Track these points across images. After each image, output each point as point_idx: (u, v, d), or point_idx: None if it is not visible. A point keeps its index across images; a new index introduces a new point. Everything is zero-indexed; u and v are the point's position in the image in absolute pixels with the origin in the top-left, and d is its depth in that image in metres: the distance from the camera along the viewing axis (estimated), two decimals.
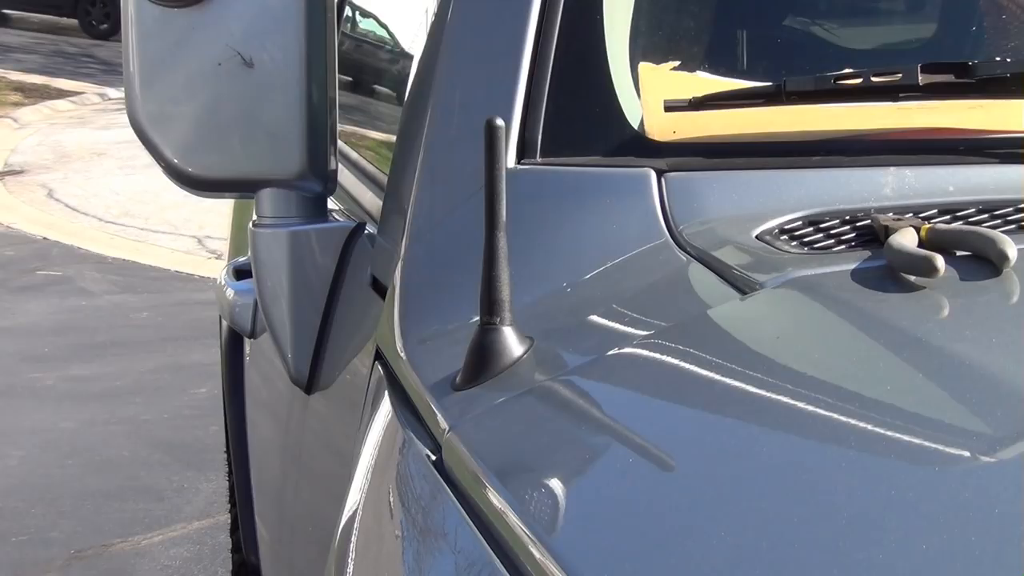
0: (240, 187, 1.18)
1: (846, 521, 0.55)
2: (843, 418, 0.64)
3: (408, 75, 1.30)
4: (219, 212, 1.97)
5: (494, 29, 1.05)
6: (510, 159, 0.95)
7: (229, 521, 2.47)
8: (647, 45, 1.06)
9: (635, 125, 1.00)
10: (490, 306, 0.77)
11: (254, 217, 1.18)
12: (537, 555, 0.59)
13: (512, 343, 0.78)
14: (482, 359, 0.78)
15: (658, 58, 1.02)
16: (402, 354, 0.89)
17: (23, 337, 5.29)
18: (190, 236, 6.92)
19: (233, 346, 2.07)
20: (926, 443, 0.62)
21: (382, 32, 1.87)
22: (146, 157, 1.08)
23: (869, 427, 0.62)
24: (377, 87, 1.75)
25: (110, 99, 11.99)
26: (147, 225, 7.49)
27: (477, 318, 0.79)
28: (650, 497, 0.64)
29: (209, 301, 4.55)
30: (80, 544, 3.41)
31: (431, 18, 1.18)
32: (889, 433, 0.62)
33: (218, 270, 1.99)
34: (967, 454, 0.60)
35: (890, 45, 1.33)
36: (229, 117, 1.09)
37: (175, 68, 1.08)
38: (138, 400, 4.56)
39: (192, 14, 1.05)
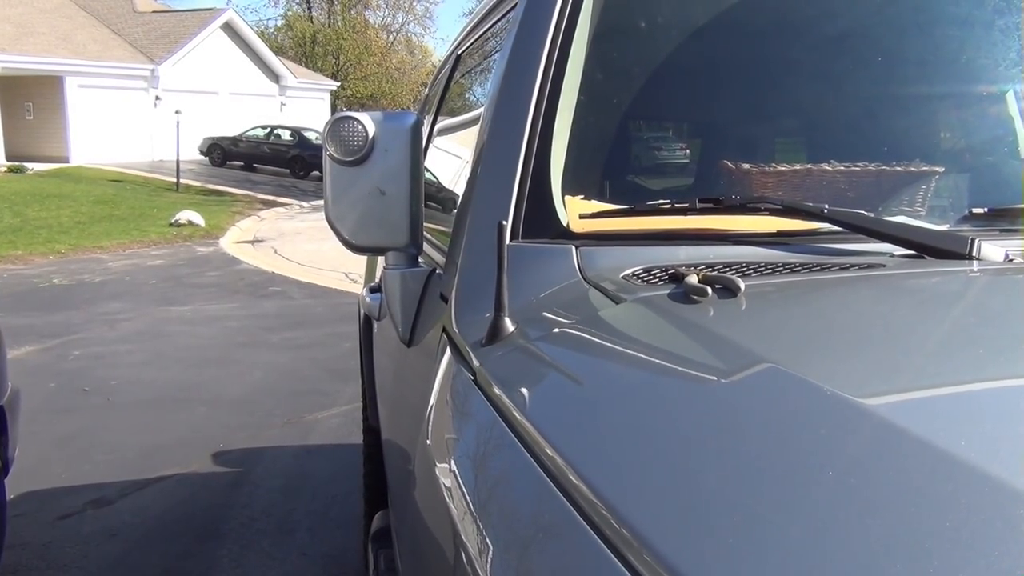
0: (379, 251, 1.30)
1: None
2: (649, 357, 0.79)
3: (453, 193, 1.45)
4: (357, 260, 2.42)
5: (499, 176, 1.17)
6: (508, 239, 1.04)
7: (361, 406, 2.90)
8: (570, 186, 1.17)
9: (565, 224, 1.13)
10: (498, 307, 0.92)
11: (383, 264, 1.34)
12: (519, 417, 0.72)
13: (508, 325, 0.92)
14: (494, 331, 0.92)
15: (575, 192, 1.16)
16: (455, 329, 1.02)
17: (261, 319, 6.76)
18: (341, 272, 8.64)
19: (366, 324, 2.38)
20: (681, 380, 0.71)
21: (436, 175, 2.02)
22: (324, 233, 1.34)
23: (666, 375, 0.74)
24: (445, 198, 1.80)
25: (304, 208, 16.22)
26: (321, 267, 9.34)
27: (490, 312, 0.93)
28: (572, 389, 0.78)
29: (351, 303, 6.30)
30: (288, 416, 4.41)
31: (471, 161, 1.30)
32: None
33: (357, 290, 2.55)
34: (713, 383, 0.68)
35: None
36: (373, 218, 1.23)
37: (348, 194, 1.22)
38: (317, 348, 5.79)
39: (356, 168, 1.21)
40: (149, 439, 4.08)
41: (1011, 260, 1.04)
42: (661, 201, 1.14)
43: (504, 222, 0.90)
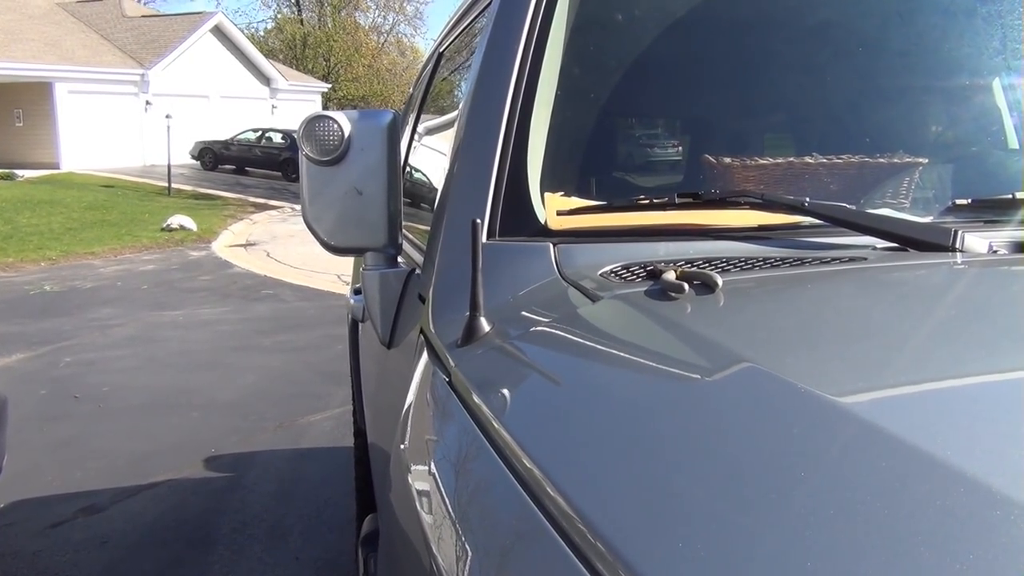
0: (356, 251, 1.28)
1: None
2: (625, 355, 0.78)
3: (436, 192, 1.40)
4: (346, 262, 2.46)
5: (476, 174, 1.15)
6: (484, 237, 1.06)
7: (352, 409, 2.92)
8: (548, 182, 1.16)
9: (542, 222, 1.12)
10: (473, 306, 0.89)
11: (363, 265, 1.33)
12: (495, 424, 0.70)
13: (484, 325, 0.90)
14: (470, 332, 0.90)
15: (553, 189, 1.15)
16: (432, 329, 1.01)
17: (254, 321, 6.77)
18: (334, 274, 8.59)
19: (354, 326, 2.40)
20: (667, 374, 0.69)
21: (421, 173, 2.03)
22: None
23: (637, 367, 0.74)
24: (422, 199, 1.81)
25: (296, 210, 14.82)
26: (314, 269, 9.30)
27: (467, 312, 0.90)
28: (547, 390, 0.77)
29: (342, 305, 6.23)
30: (281, 419, 4.41)
31: (448, 163, 1.28)
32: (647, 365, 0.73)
33: (346, 291, 2.44)
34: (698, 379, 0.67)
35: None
36: (350, 218, 1.20)
37: (324, 194, 1.20)
38: (310, 351, 5.79)
39: (333, 168, 1.19)
40: (141, 445, 4.05)
41: (995, 252, 1.03)
42: (640, 197, 1.12)
43: (479, 220, 0.88)
